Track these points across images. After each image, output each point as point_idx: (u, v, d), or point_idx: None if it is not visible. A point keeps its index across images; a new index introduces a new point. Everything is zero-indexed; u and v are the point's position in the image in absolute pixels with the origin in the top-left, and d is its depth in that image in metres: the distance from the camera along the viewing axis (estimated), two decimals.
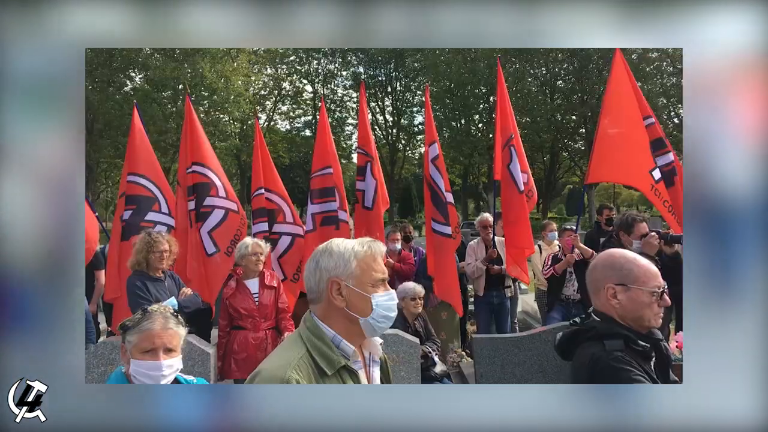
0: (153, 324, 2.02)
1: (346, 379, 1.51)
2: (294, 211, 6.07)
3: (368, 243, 1.59)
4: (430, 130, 6.36)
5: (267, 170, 6.09)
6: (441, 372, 4.78)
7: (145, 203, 5.55)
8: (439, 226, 5.98)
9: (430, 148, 6.26)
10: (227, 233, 5.58)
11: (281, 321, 4.63)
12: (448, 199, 6.02)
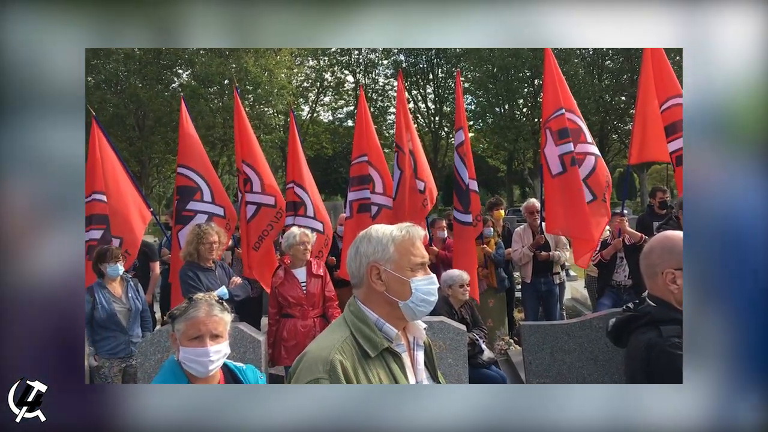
0: (198, 311, 2.08)
1: (389, 361, 1.53)
2: (317, 205, 6.10)
3: (406, 227, 1.61)
4: (459, 116, 6.27)
5: (295, 163, 6.17)
6: (488, 359, 4.74)
7: (187, 193, 5.76)
8: (459, 215, 5.92)
9: (457, 134, 6.18)
10: (257, 229, 5.72)
11: (328, 309, 4.70)
12: (471, 186, 5.91)
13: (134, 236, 5.83)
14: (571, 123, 5.61)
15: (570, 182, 5.52)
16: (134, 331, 4.56)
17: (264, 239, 5.68)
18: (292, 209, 6.03)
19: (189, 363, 2.04)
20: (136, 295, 4.67)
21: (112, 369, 4.42)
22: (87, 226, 5.58)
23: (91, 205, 5.62)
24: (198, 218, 5.66)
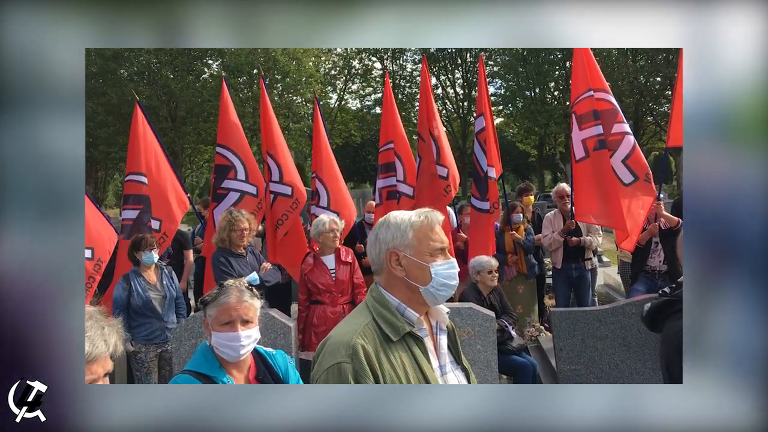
0: (229, 297, 2.12)
1: (412, 345, 1.53)
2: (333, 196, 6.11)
3: (425, 213, 1.60)
4: (481, 101, 6.18)
5: (317, 154, 6.20)
6: (518, 346, 4.71)
7: (222, 171, 5.88)
8: (476, 202, 5.89)
9: (477, 120, 6.11)
10: (273, 217, 5.78)
11: (357, 295, 4.74)
12: (489, 174, 5.85)
13: (173, 219, 5.94)
14: (603, 103, 5.43)
15: (596, 167, 5.37)
16: (169, 318, 4.68)
17: (278, 228, 5.74)
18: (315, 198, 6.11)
19: (221, 348, 2.08)
20: (170, 282, 4.78)
21: (149, 354, 4.56)
22: (123, 205, 5.75)
23: (129, 185, 5.74)
24: (231, 196, 5.77)
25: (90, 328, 1.20)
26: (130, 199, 5.70)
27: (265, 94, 6.16)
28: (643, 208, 5.26)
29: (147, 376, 4.56)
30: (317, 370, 1.49)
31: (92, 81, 26.51)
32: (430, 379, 1.50)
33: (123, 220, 5.63)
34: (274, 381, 2.20)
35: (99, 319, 1.25)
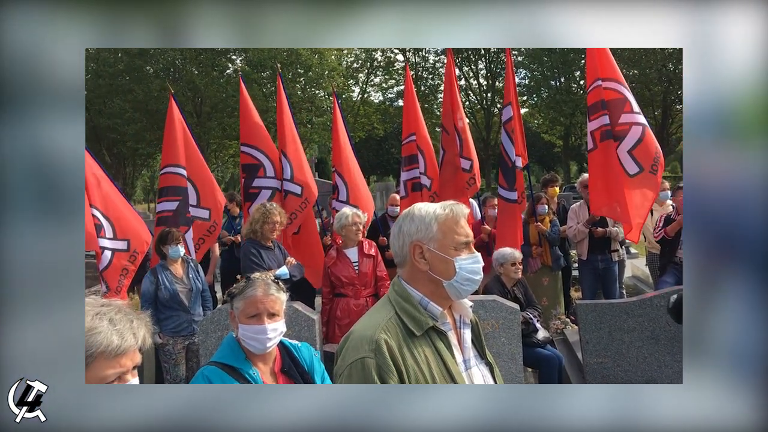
0: (256, 290, 2.14)
1: (435, 339, 1.52)
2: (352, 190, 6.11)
3: (450, 206, 1.58)
4: (508, 91, 6.11)
5: (336, 148, 6.21)
6: (543, 339, 4.66)
7: (252, 170, 5.93)
8: (504, 192, 5.82)
9: (504, 110, 6.04)
10: None
11: (380, 288, 4.75)
12: (516, 164, 5.78)
13: (219, 209, 6.03)
14: (611, 93, 5.29)
15: (603, 158, 5.30)
16: (196, 310, 4.76)
17: (288, 226, 5.76)
18: (335, 193, 6.14)
19: (248, 340, 2.11)
20: (196, 275, 4.86)
21: (176, 346, 4.64)
22: (159, 198, 5.79)
23: (166, 177, 5.78)
24: (263, 194, 5.82)
25: (119, 321, 1.22)
26: (168, 191, 5.73)
27: (282, 91, 6.18)
28: (647, 199, 5.17)
29: (175, 368, 4.65)
30: (341, 364, 1.49)
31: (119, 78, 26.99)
32: (454, 373, 1.48)
33: (160, 212, 5.68)
34: (299, 373, 2.22)
35: (128, 312, 1.26)
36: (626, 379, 4.18)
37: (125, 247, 5.28)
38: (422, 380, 1.44)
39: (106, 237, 5.15)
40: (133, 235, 5.36)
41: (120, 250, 5.23)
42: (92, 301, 1.25)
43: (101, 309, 1.22)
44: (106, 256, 5.12)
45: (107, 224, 5.18)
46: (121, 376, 1.21)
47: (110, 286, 5.10)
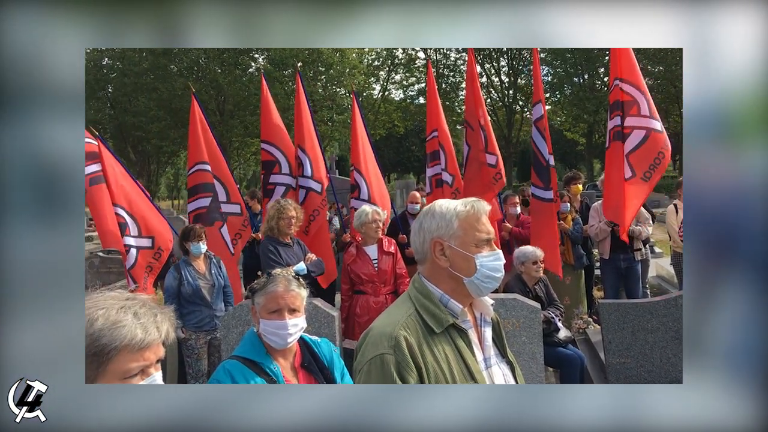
0: (277, 286, 2.16)
1: (455, 337, 1.51)
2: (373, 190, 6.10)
3: (471, 202, 1.56)
4: (537, 89, 6.05)
5: (356, 147, 6.21)
6: (565, 338, 4.61)
7: (269, 167, 5.99)
8: (539, 191, 5.75)
9: (535, 108, 5.98)
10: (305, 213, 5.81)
11: (400, 286, 4.75)
12: (550, 162, 5.72)
13: (243, 206, 6.10)
14: (623, 95, 5.25)
15: (611, 158, 5.33)
16: (218, 306, 4.82)
17: (310, 224, 5.77)
18: (354, 191, 6.13)
19: (269, 335, 2.13)
20: (218, 271, 4.92)
21: (198, 341, 4.71)
22: (191, 197, 5.80)
23: (195, 176, 5.80)
24: (278, 190, 5.87)
25: (143, 315, 1.24)
26: (199, 188, 5.76)
27: (301, 89, 6.21)
28: (633, 206, 5.20)
29: (197, 362, 4.71)
30: (360, 360, 1.49)
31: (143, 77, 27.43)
32: (474, 372, 1.47)
33: (193, 210, 5.71)
34: (319, 368, 2.23)
35: (152, 306, 1.28)
36: (649, 380, 4.11)
37: (150, 245, 5.36)
38: (442, 378, 1.43)
39: (131, 235, 5.23)
40: (157, 232, 5.44)
41: (145, 248, 5.32)
42: (117, 294, 1.27)
43: (126, 303, 1.24)
44: (132, 254, 5.20)
45: (132, 222, 5.27)
46: (144, 369, 1.23)
47: (138, 282, 5.19)
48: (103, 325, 1.18)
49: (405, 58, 35.90)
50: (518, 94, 36.00)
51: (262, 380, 2.06)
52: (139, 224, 5.32)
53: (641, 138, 5.18)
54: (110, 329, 1.18)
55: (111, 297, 1.25)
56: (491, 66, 36.11)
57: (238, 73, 28.39)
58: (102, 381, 1.19)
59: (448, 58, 36.37)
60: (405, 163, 44.15)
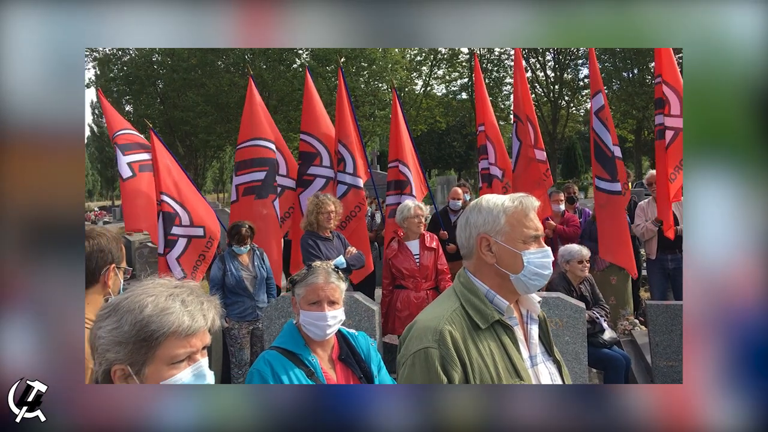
0: (317, 278, 2.18)
1: (501, 333, 1.48)
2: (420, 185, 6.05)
3: (519, 198, 1.53)
4: (595, 79, 5.88)
5: (398, 141, 6.16)
6: (610, 339, 4.49)
7: (308, 158, 6.02)
8: (604, 184, 5.58)
9: (595, 99, 5.80)
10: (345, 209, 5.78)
11: (440, 281, 4.72)
12: (615, 153, 5.55)
13: None
14: (662, 93, 5.20)
15: (657, 156, 5.28)
16: (260, 297, 4.92)
17: (351, 220, 5.76)
18: (396, 188, 6.05)
19: (308, 326, 2.15)
20: (261, 263, 5.02)
21: (241, 331, 4.81)
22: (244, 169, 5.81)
23: (248, 151, 5.84)
24: (317, 182, 5.89)
25: (190, 303, 1.26)
26: (254, 162, 5.79)
27: (342, 84, 6.23)
28: None
29: (240, 351, 4.82)
30: (404, 353, 1.48)
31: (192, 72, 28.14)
32: (519, 369, 1.45)
33: (245, 183, 5.75)
34: (356, 361, 2.24)
35: (199, 294, 1.30)
36: None
37: (202, 234, 5.48)
38: (486, 374, 1.41)
39: (181, 225, 5.36)
40: (208, 222, 5.57)
41: (197, 237, 5.44)
42: (166, 282, 1.29)
43: (174, 290, 1.26)
44: (180, 244, 5.32)
45: (183, 212, 5.39)
46: (191, 355, 1.25)
47: (186, 271, 5.31)
48: (152, 311, 1.21)
49: (448, 53, 35.57)
50: (564, 89, 35.15)
51: (301, 371, 2.09)
52: (190, 214, 5.43)
53: (671, 138, 5.11)
54: (159, 316, 1.21)
55: (160, 284, 1.28)
56: (536, 60, 35.38)
57: (282, 69, 28.75)
58: (150, 366, 1.22)
59: (492, 52, 35.82)
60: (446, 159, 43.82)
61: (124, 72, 30.35)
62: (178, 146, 31.97)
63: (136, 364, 1.21)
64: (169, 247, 5.28)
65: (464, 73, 35.61)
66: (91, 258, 1.77)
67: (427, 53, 35.05)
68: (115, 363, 1.22)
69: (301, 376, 2.07)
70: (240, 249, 4.91)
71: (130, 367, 1.21)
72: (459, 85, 36.60)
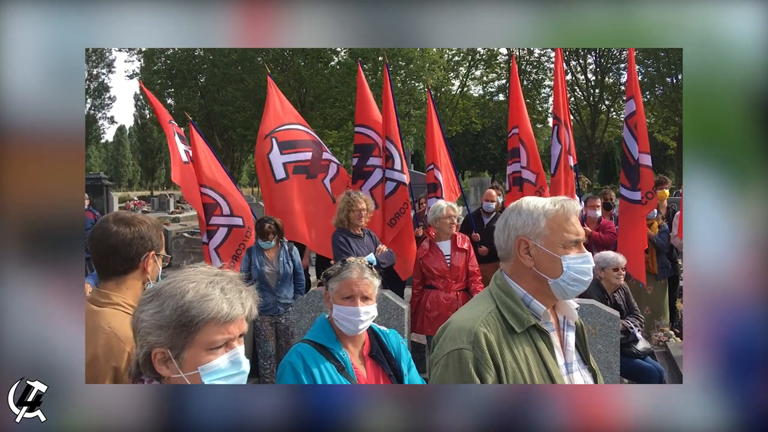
0: (351, 273, 2.19)
1: (536, 339, 1.46)
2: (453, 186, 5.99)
3: (561, 201, 1.51)
4: (631, 83, 5.76)
5: (432, 144, 6.12)
6: (644, 350, 4.39)
7: (366, 149, 5.99)
8: (626, 192, 5.51)
9: (627, 104, 5.68)
10: (394, 205, 5.76)
11: (471, 283, 4.69)
12: (641, 161, 5.41)
13: None
14: None
15: None
16: (282, 293, 4.96)
17: (400, 217, 5.72)
18: (433, 190, 6.02)
19: (341, 321, 2.16)
20: (287, 259, 5.05)
21: (264, 323, 4.92)
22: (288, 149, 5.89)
23: (295, 133, 5.98)
24: (376, 174, 5.87)
25: (230, 290, 1.29)
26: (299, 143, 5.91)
27: (388, 81, 6.23)
28: None
29: (264, 342, 4.94)
30: (437, 353, 1.47)
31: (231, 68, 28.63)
32: (554, 376, 1.43)
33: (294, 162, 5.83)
34: (386, 358, 2.25)
35: (238, 283, 1.33)
36: None
37: (242, 224, 5.57)
38: (520, 379, 1.39)
39: (222, 215, 5.46)
40: (245, 213, 5.66)
41: (237, 226, 5.53)
42: (207, 270, 1.33)
43: (214, 278, 1.30)
44: (220, 233, 5.43)
45: (223, 202, 5.49)
46: (228, 342, 1.28)
47: (224, 261, 5.40)
48: (193, 297, 1.24)
49: (486, 54, 35.22)
50: (605, 93, 34.42)
51: (331, 365, 2.10)
52: (230, 203, 5.53)
53: None
54: (199, 302, 1.24)
55: (201, 272, 1.31)
56: (577, 63, 34.73)
57: (320, 66, 28.96)
58: (189, 351, 1.25)
59: (532, 54, 35.32)
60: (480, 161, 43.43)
61: (167, 66, 31.08)
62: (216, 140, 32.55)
63: (175, 348, 1.25)
64: (209, 238, 5.40)
65: (502, 75, 35.19)
66: (132, 244, 1.78)
67: (465, 53, 34.77)
68: (155, 346, 1.25)
69: (332, 370, 2.09)
70: (265, 244, 4.97)
71: (170, 350, 1.24)
72: (497, 87, 36.21)
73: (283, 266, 5.00)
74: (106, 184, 16.77)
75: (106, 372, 1.61)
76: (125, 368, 1.57)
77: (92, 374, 1.61)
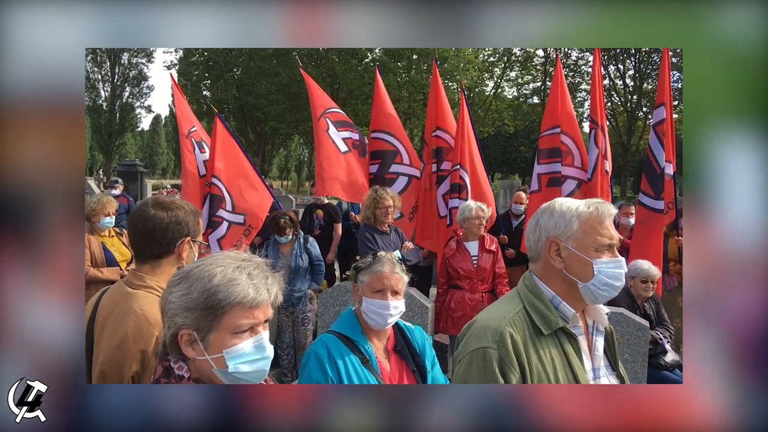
0: (383, 267, 2.20)
1: (564, 342, 1.44)
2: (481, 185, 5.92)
3: (595, 204, 1.48)
4: (662, 90, 5.59)
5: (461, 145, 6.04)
6: (672, 362, 4.28)
7: (389, 156, 5.99)
8: (647, 199, 5.34)
9: (657, 110, 5.53)
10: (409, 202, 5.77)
11: (497, 285, 4.65)
12: (666, 170, 5.26)
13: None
14: None
15: None
16: (296, 286, 5.02)
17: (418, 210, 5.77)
18: (456, 191, 5.96)
19: (370, 314, 2.17)
20: (300, 252, 5.08)
21: (281, 315, 5.06)
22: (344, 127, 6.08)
23: (342, 115, 6.19)
24: (400, 181, 5.90)
25: (256, 276, 1.30)
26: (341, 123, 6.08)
27: (437, 76, 6.21)
28: None
29: (281, 334, 5.07)
30: (461, 350, 1.47)
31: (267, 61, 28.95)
32: (581, 380, 1.40)
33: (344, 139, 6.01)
34: (411, 354, 2.24)
35: (264, 269, 1.34)
36: None
37: (241, 221, 5.65)
38: (545, 381, 1.38)
39: (225, 209, 5.55)
40: (250, 211, 5.70)
41: (236, 223, 5.62)
42: (235, 255, 1.34)
43: (242, 263, 1.31)
44: (223, 227, 5.52)
45: (228, 197, 5.57)
46: (253, 327, 1.29)
47: None
48: (220, 281, 1.25)
49: (523, 56, 34.77)
50: (643, 99, 33.63)
51: (356, 357, 2.11)
52: (234, 200, 5.61)
53: None
54: (226, 286, 1.25)
55: (228, 257, 1.32)
56: (616, 68, 34.02)
57: (354, 63, 29.02)
58: (215, 333, 1.27)
59: (569, 57, 34.74)
60: (511, 163, 42.94)
61: (204, 57, 31.58)
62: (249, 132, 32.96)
63: (202, 330, 1.26)
64: (212, 228, 5.47)
65: (537, 77, 34.71)
66: (168, 229, 1.80)
67: (500, 54, 34.39)
68: (182, 327, 1.27)
69: (356, 362, 2.09)
70: (280, 239, 5.04)
71: (197, 332, 1.26)
72: (531, 89, 35.73)
73: (296, 259, 5.04)
74: (141, 171, 17.13)
75: (134, 354, 1.63)
76: (152, 352, 1.59)
77: (120, 355, 1.63)
